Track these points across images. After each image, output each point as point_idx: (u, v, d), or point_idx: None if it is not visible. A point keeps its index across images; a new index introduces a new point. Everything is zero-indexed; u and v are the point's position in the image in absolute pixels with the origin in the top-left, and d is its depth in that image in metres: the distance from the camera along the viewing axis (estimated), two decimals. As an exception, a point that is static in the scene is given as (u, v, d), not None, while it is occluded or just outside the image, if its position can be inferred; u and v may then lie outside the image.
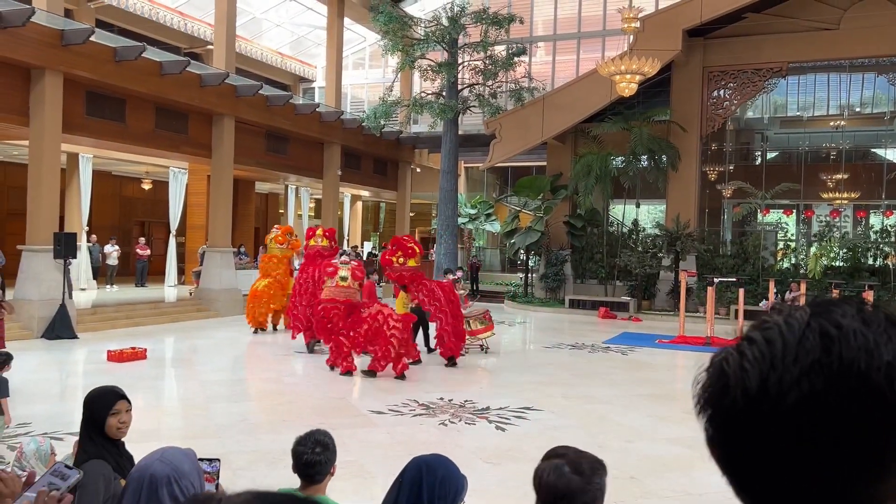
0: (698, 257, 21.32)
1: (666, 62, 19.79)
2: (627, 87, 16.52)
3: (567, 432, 7.81)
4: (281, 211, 29.25)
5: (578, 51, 26.50)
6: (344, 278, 11.26)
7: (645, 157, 21.85)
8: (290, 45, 29.04)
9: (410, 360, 11.34)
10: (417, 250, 11.57)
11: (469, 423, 8.18)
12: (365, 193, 29.72)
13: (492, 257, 32.01)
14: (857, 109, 23.39)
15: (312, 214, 29.05)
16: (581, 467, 1.97)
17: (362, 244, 29.59)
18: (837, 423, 0.64)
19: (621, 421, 8.44)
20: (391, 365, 10.72)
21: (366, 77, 30.46)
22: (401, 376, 10.65)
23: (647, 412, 8.70)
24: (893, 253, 21.06)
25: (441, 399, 9.30)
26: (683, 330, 15.55)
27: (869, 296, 13.87)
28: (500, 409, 8.83)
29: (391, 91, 23.11)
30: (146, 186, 25.18)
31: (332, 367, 11.12)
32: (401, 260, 11.39)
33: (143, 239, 22.75)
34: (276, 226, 17.16)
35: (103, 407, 2.84)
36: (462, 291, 15.72)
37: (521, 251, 24.89)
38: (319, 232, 13.87)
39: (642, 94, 21.91)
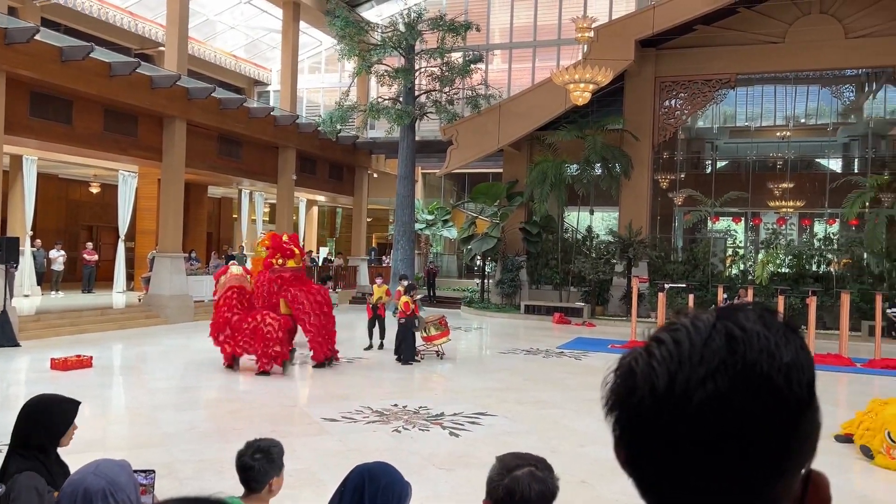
0: (650, 263, 21.71)
1: (619, 72, 20.13)
2: (581, 95, 16.76)
3: (520, 437, 7.85)
4: (234, 216, 28.83)
5: (534, 59, 26.79)
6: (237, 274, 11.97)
7: (599, 164, 22.18)
8: (244, 47, 28.69)
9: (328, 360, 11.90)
10: (297, 251, 11.76)
11: (423, 430, 8.15)
12: (321, 198, 29.49)
13: (449, 263, 32.06)
14: (802, 121, 24.14)
15: (267, 219, 28.69)
16: (547, 470, 1.97)
17: (317, 250, 29.33)
18: (740, 423, 0.65)
19: (574, 426, 8.52)
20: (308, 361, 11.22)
21: (322, 81, 30.27)
22: (263, 372, 11.10)
23: (600, 416, 8.59)
24: (836, 260, 21.77)
25: (395, 406, 9.26)
26: (635, 335, 15.79)
27: (780, 303, 14.43)
28: (454, 415, 8.83)
29: (347, 96, 23.00)
30: (94, 190, 24.54)
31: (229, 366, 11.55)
32: (280, 261, 11.62)
33: (90, 244, 22.15)
34: (262, 231, 16.95)
35: (66, 419, 2.75)
36: (418, 298, 15.74)
37: (478, 257, 24.98)
38: (285, 238, 13.71)
39: (596, 103, 22.27)
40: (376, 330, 14.27)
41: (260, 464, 2.83)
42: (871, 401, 8.20)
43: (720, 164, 26.45)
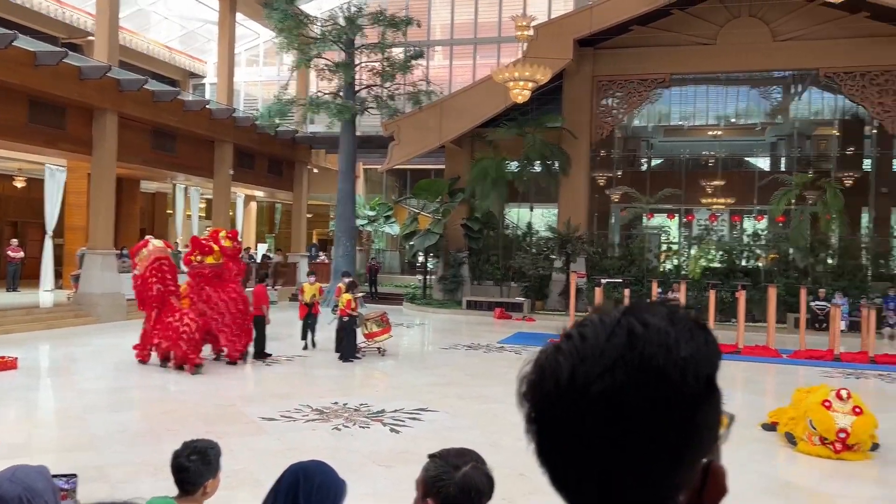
0: (588, 259, 22.12)
1: (558, 70, 20.41)
2: (521, 93, 16.93)
3: (461, 432, 7.89)
4: (169, 211, 28.05)
5: (475, 56, 26.94)
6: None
7: (538, 162, 22.46)
8: (179, 39, 27.92)
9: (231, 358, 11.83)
10: (216, 248, 11.70)
11: (363, 427, 8.12)
12: (259, 194, 28.97)
13: (391, 259, 31.97)
14: (733, 120, 24.96)
15: (203, 215, 28.02)
16: (483, 462, 1.99)
17: (256, 246, 28.81)
18: (636, 415, 0.67)
19: (515, 420, 8.45)
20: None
21: (260, 74, 29.72)
22: (197, 368, 11.03)
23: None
24: (764, 255, 22.63)
25: (335, 403, 9.19)
26: (574, 329, 16.04)
27: (682, 296, 14.96)
28: (396, 411, 8.82)
29: (286, 89, 22.63)
30: (19, 184, 23.49)
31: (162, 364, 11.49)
32: (199, 258, 11.60)
33: (15, 240, 21.18)
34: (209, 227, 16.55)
35: None
36: (359, 295, 15.65)
37: (420, 253, 25.01)
38: (223, 233, 13.44)
39: (536, 101, 22.53)
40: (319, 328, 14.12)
41: (195, 465, 2.77)
42: (795, 390, 8.56)
43: (655, 162, 27.13)
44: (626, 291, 16.86)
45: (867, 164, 23.18)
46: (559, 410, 0.70)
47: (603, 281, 17.36)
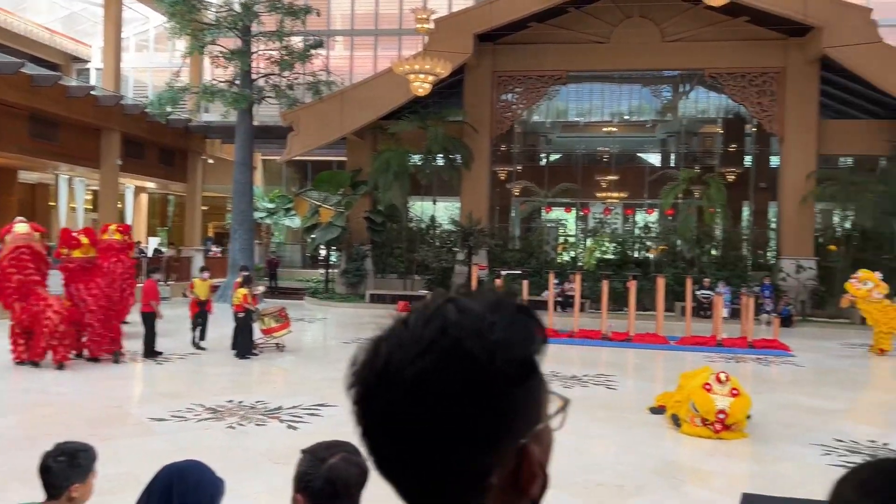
0: (489, 251, 22.46)
1: (458, 64, 20.55)
2: (421, 86, 16.95)
3: (359, 426, 7.82)
4: (51, 203, 26.35)
5: (376, 48, 26.75)
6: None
7: (441, 155, 22.58)
8: (61, 21, 26.25)
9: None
10: (85, 241, 11.42)
11: (259, 425, 7.92)
12: (151, 185, 27.70)
13: (292, 253, 31.34)
14: (626, 117, 25.97)
15: (90, 207, 26.50)
16: (357, 453, 1.95)
17: (147, 240, 27.53)
18: (445, 398, 0.68)
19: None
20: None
21: (150, 61, 28.38)
22: (59, 366, 10.71)
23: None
24: (654, 247, 23.69)
25: (230, 402, 8.91)
26: (475, 321, 16.24)
27: (577, 286, 15.61)
28: (293, 407, 8.66)
29: (178, 76, 21.69)
30: None
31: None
32: (65, 251, 11.37)
33: None
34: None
35: None
36: (259, 290, 15.24)
37: (322, 247, 24.64)
38: (113, 227, 12.79)
39: (438, 95, 22.62)
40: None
41: (60, 467, 2.59)
42: (680, 375, 9.00)
43: (553, 157, 27.88)
44: (525, 283, 17.21)
45: (748, 160, 24.67)
46: (377, 395, 0.71)
47: (503, 273, 17.67)
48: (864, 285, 14.45)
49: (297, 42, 22.16)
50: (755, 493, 5.81)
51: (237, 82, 21.44)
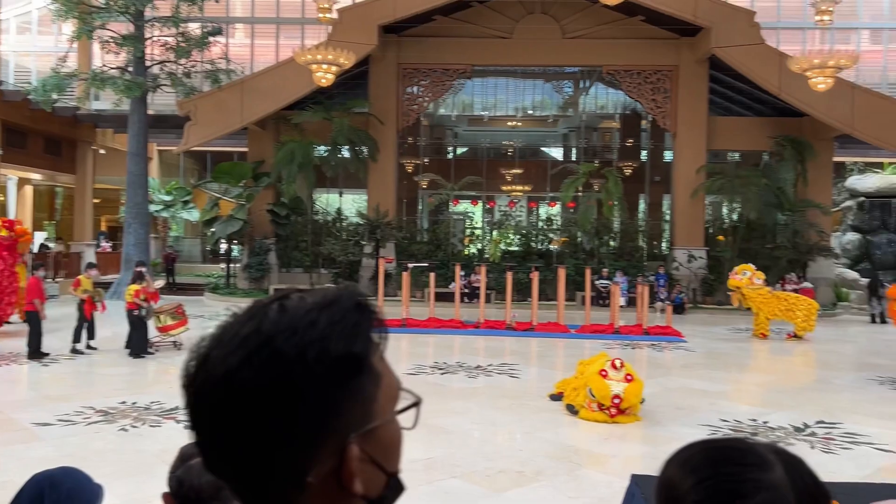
0: (397, 244, 22.44)
1: (363, 56, 20.36)
2: (324, 76, 16.69)
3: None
4: (-79, 196, 24.37)
5: (278, 36, 26.12)
6: None
7: (346, 147, 22.34)
8: (-71, -4, 24.19)
9: None
10: None
11: (154, 426, 7.62)
12: (36, 176, 26.02)
13: (191, 247, 30.24)
14: (530, 112, 26.49)
15: (-34, 200, 24.67)
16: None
17: (33, 235, 25.85)
18: (255, 397, 0.68)
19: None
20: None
21: (33, 44, 26.59)
22: None
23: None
24: (556, 238, 24.34)
25: (123, 403, 8.53)
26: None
27: (483, 278, 16.00)
28: (191, 406, 8.37)
29: (65, 62, 20.46)
30: None
31: None
32: None
33: None
34: None
35: None
36: (157, 285, 14.64)
37: (223, 240, 23.91)
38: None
39: (343, 85, 22.35)
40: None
41: None
42: (578, 362, 9.30)
43: (460, 150, 28.12)
44: (432, 275, 17.31)
45: (644, 154, 25.71)
46: (197, 394, 0.71)
47: (410, 265, 17.70)
48: (743, 275, 15.38)
49: (194, 28, 21.35)
50: (645, 473, 6.08)
51: (130, 69, 20.46)
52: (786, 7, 25.62)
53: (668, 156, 24.45)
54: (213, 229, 22.94)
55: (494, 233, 24.41)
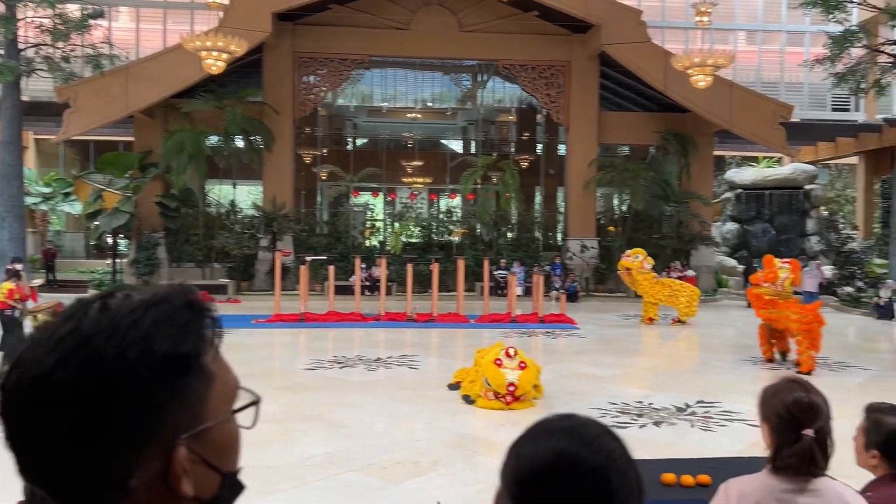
0: (295, 237, 22.03)
1: (256, 43, 19.80)
2: (214, 64, 16.12)
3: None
4: None
5: (165, 21, 25.00)
6: None
7: (240, 137, 21.70)
8: None
9: None
10: None
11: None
12: None
13: (73, 242, 28.52)
14: (429, 104, 26.60)
15: None
16: None
17: None
18: (70, 400, 0.65)
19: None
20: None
21: None
22: None
23: (236, 393, 8.68)
24: (456, 230, 24.62)
25: None
26: (279, 308, 15.93)
27: (383, 270, 16.03)
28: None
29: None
30: None
31: None
32: None
33: None
34: None
35: None
36: (35, 283, 13.76)
37: (108, 235, 22.70)
38: None
39: (236, 73, 21.67)
40: None
41: None
42: (475, 351, 9.46)
43: (359, 141, 27.90)
44: (331, 268, 17.12)
45: (539, 148, 26.36)
46: (9, 397, 0.68)
47: (308, 258, 17.43)
48: (636, 258, 16.10)
49: (73, 10, 20.10)
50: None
51: (1, 52, 19.03)
52: (670, 7, 26.90)
53: (562, 149, 25.19)
54: (96, 223, 21.78)
55: (395, 225, 24.40)
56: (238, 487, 0.73)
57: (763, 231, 25.26)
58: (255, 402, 0.75)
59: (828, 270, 21.58)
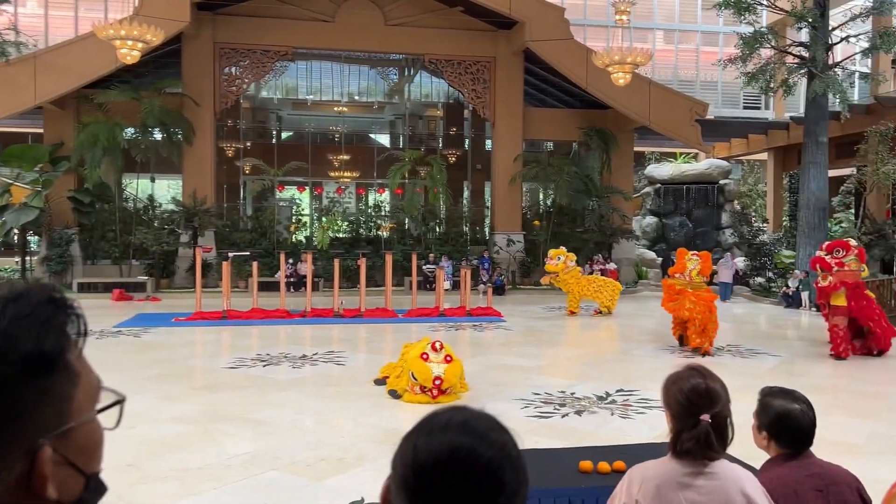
0: (217, 232, 21.50)
1: (174, 33, 19.18)
2: (129, 53, 15.51)
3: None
4: None
5: (77, 8, 23.88)
6: None
7: (158, 129, 20.99)
8: None
9: None
10: None
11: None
12: None
13: (-22, 240, 26.98)
14: (356, 98, 26.36)
15: None
16: None
17: None
18: None
19: (126, 407, 7.99)
20: None
21: None
22: None
23: (154, 394, 8.42)
24: (384, 224, 24.53)
25: None
26: (200, 306, 15.51)
27: (309, 266, 15.88)
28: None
29: None
30: None
31: None
32: None
33: None
34: None
35: None
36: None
37: (16, 231, 21.57)
38: None
39: (153, 64, 20.95)
40: None
41: None
42: (403, 346, 9.47)
43: (284, 134, 27.39)
44: (255, 264, 16.78)
45: (466, 143, 26.53)
46: None
47: (230, 254, 17.04)
48: (557, 260, 16.42)
49: (-28, -7, 18.96)
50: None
51: None
52: (592, 6, 27.50)
53: (488, 144, 25.43)
54: (3, 218, 20.63)
55: (322, 219, 24.10)
56: (101, 489, 0.72)
57: (680, 224, 26.20)
58: (120, 402, 0.73)
59: (741, 262, 22.60)
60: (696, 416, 1.96)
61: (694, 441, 1.95)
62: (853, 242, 11.81)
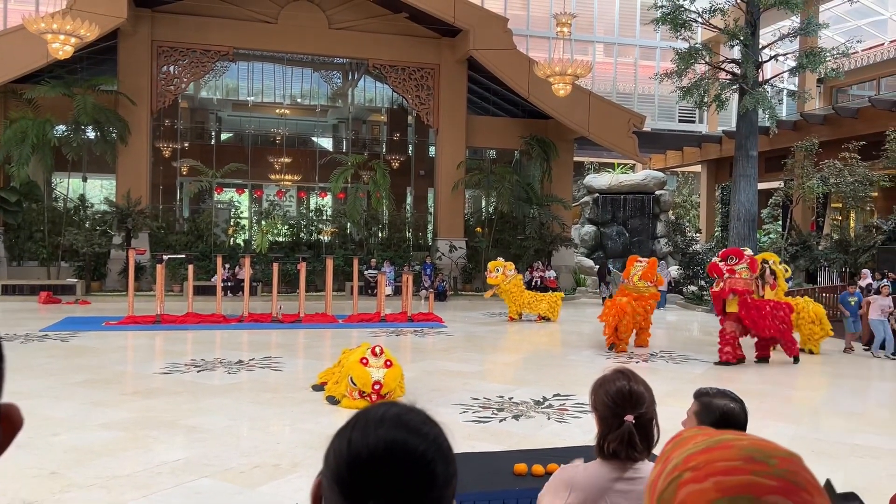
0: (151, 234, 20.94)
1: (109, 29, 18.64)
2: (61, 48, 14.99)
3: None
4: None
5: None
6: None
7: (91, 127, 20.32)
8: None
9: None
10: None
11: None
12: None
13: None
14: (299, 100, 26.07)
15: None
16: None
17: None
18: None
19: (50, 414, 7.69)
20: None
21: None
22: None
23: (82, 399, 8.14)
24: (326, 229, 24.31)
25: None
26: (133, 310, 15.06)
27: (247, 269, 15.64)
28: None
29: None
30: None
31: None
32: None
33: None
34: None
35: None
36: None
37: (-65, 231, 20.57)
38: None
39: (87, 60, 20.33)
40: None
41: None
42: (342, 351, 9.40)
43: (224, 136, 26.88)
44: (191, 267, 16.39)
45: (410, 149, 26.55)
46: None
47: (165, 257, 16.60)
48: (496, 272, 16.54)
49: None
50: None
51: None
52: (534, 17, 27.94)
53: (432, 151, 25.51)
54: (-79, 217, 19.65)
55: (262, 223, 23.73)
56: None
57: (618, 233, 26.81)
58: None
59: (674, 270, 23.26)
60: (621, 418, 2.01)
61: (618, 441, 2.00)
62: (748, 252, 12.08)
